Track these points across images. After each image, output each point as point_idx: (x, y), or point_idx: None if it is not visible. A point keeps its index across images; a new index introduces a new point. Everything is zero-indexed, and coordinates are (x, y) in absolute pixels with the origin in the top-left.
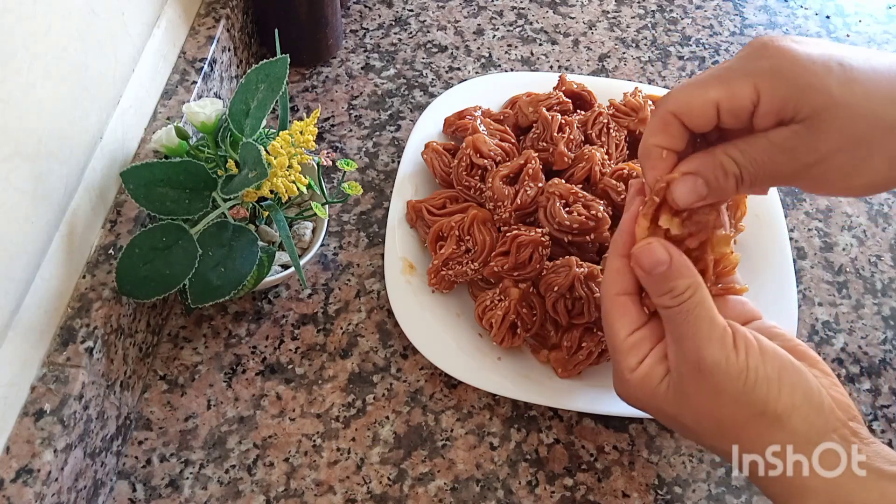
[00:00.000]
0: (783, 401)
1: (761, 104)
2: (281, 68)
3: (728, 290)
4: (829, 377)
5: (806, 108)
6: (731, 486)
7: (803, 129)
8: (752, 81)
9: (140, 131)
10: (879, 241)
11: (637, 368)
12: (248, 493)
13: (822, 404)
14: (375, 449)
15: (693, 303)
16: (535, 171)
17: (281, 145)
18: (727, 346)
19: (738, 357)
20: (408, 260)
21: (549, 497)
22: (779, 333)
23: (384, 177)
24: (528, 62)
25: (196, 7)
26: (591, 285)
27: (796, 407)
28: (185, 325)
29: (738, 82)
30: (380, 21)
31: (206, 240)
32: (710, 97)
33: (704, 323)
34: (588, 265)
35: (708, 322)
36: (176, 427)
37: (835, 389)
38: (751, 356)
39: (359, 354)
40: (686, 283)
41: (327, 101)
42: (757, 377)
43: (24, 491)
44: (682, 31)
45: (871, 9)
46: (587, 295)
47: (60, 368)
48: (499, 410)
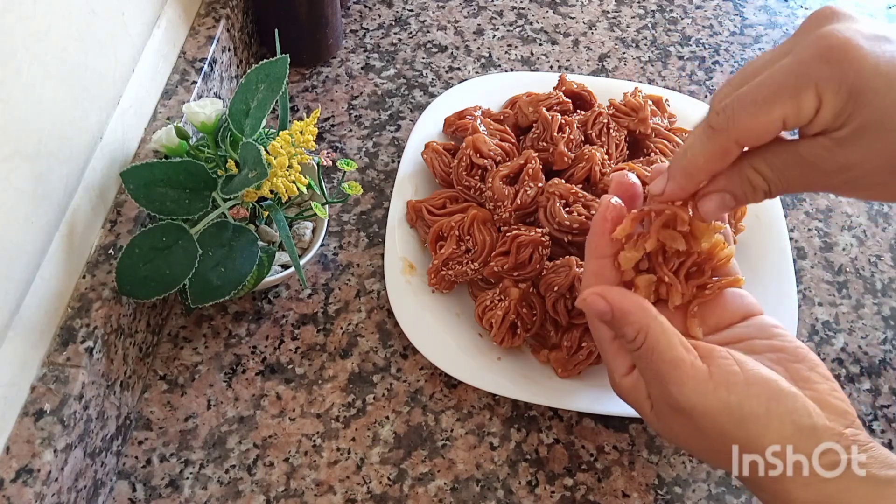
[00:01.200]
0: (771, 436)
1: (819, 116)
2: (281, 68)
3: (724, 283)
4: (827, 381)
5: (855, 119)
6: (731, 486)
7: (836, 145)
8: (816, 92)
9: (140, 131)
10: (879, 241)
11: (627, 374)
12: (248, 493)
13: (815, 428)
14: (375, 449)
15: (647, 348)
16: (535, 171)
17: (281, 145)
18: (701, 384)
19: (716, 394)
20: (408, 260)
21: (549, 497)
22: (778, 333)
23: (384, 177)
24: (528, 62)
25: (196, 7)
26: None
27: (786, 438)
28: (185, 325)
29: (805, 95)
30: (380, 21)
31: (206, 240)
32: (776, 117)
33: (666, 366)
34: None
35: (670, 365)
36: (176, 427)
37: (833, 395)
38: (733, 391)
39: (359, 354)
40: (634, 331)
41: (327, 101)
42: (742, 414)
43: (24, 491)
44: (682, 31)
45: (871, 9)
46: None
47: (60, 368)
48: (499, 410)
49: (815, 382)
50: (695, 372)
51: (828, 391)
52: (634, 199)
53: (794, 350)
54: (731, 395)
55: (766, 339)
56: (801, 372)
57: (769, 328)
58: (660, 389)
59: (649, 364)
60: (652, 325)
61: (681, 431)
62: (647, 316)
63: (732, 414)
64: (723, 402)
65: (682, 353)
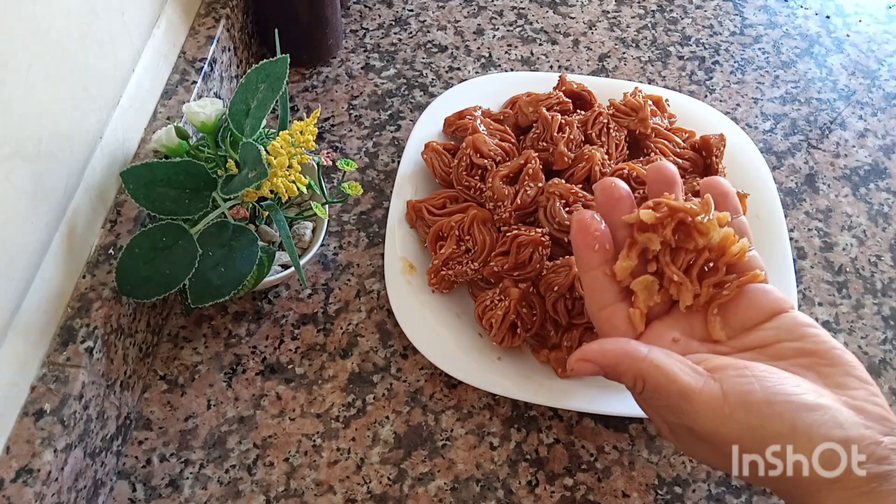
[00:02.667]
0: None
1: None
2: (281, 68)
3: (743, 280)
4: (866, 386)
5: None
6: (731, 486)
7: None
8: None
9: (140, 131)
10: (879, 241)
11: None
12: (248, 493)
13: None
14: (375, 449)
15: (650, 390)
16: (535, 171)
17: (281, 145)
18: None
19: (734, 418)
20: (408, 260)
21: (549, 497)
22: (809, 333)
23: (384, 177)
24: (528, 62)
25: (196, 7)
26: None
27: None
28: (185, 325)
29: None
30: (380, 21)
31: (206, 240)
32: None
33: (675, 400)
34: None
35: (678, 398)
36: (176, 427)
37: (872, 401)
38: (752, 411)
39: (359, 354)
40: (630, 380)
41: (327, 101)
42: (765, 435)
43: (24, 491)
44: (682, 31)
45: (871, 9)
46: None
47: (60, 368)
48: (499, 410)
49: (852, 389)
50: (707, 398)
51: (866, 397)
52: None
53: (828, 352)
54: (751, 416)
55: (795, 342)
56: (835, 377)
57: (799, 328)
58: (677, 420)
59: (659, 401)
60: (642, 367)
61: (705, 455)
62: (636, 359)
63: (755, 436)
64: (742, 425)
65: (688, 380)
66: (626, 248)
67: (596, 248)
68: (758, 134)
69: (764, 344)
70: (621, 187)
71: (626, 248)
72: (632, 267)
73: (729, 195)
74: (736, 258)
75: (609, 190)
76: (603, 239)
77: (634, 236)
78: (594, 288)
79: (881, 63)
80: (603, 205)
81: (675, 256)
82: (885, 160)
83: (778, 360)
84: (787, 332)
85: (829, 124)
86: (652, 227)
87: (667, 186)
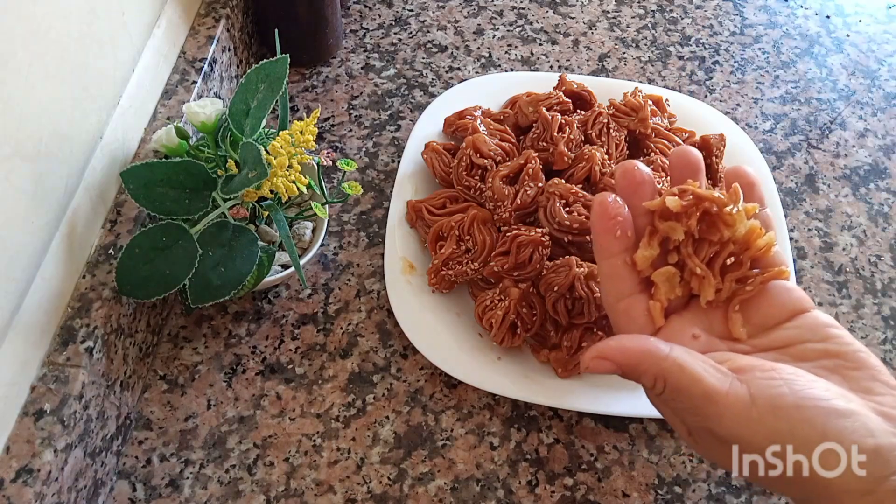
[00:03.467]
0: None
1: None
2: (281, 68)
3: (767, 276)
4: (893, 392)
5: None
6: (731, 486)
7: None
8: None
9: (140, 131)
10: (879, 241)
11: None
12: (248, 492)
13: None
14: (375, 449)
15: (671, 391)
16: (535, 171)
17: (281, 145)
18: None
19: (762, 422)
20: (408, 260)
21: (549, 497)
22: (833, 334)
23: (384, 177)
24: (528, 62)
25: (196, 7)
26: (592, 285)
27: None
28: (185, 325)
29: None
30: (380, 21)
31: (206, 240)
32: None
33: (698, 402)
34: (588, 265)
35: (703, 400)
36: (176, 427)
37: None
38: (781, 416)
39: (359, 354)
40: (650, 380)
41: (327, 101)
42: (794, 440)
43: (24, 491)
44: (682, 31)
45: (871, 9)
46: (587, 295)
47: (60, 368)
48: (499, 410)
49: (879, 394)
50: (733, 401)
51: (893, 403)
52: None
53: (853, 355)
54: (780, 421)
55: (819, 343)
56: (861, 382)
57: (822, 328)
58: (698, 422)
59: (680, 403)
60: (664, 367)
61: (725, 459)
62: (658, 359)
63: (782, 441)
64: (771, 429)
65: (713, 382)
66: (647, 236)
67: (617, 234)
68: (758, 134)
69: (786, 344)
70: (643, 171)
71: (646, 237)
72: (653, 257)
73: (755, 185)
74: (762, 252)
75: (631, 173)
76: (626, 225)
77: (656, 224)
78: (612, 277)
79: (881, 63)
80: (624, 189)
81: (697, 248)
82: (885, 160)
83: (801, 361)
84: (811, 332)
85: (829, 124)
86: (675, 216)
87: (691, 173)
